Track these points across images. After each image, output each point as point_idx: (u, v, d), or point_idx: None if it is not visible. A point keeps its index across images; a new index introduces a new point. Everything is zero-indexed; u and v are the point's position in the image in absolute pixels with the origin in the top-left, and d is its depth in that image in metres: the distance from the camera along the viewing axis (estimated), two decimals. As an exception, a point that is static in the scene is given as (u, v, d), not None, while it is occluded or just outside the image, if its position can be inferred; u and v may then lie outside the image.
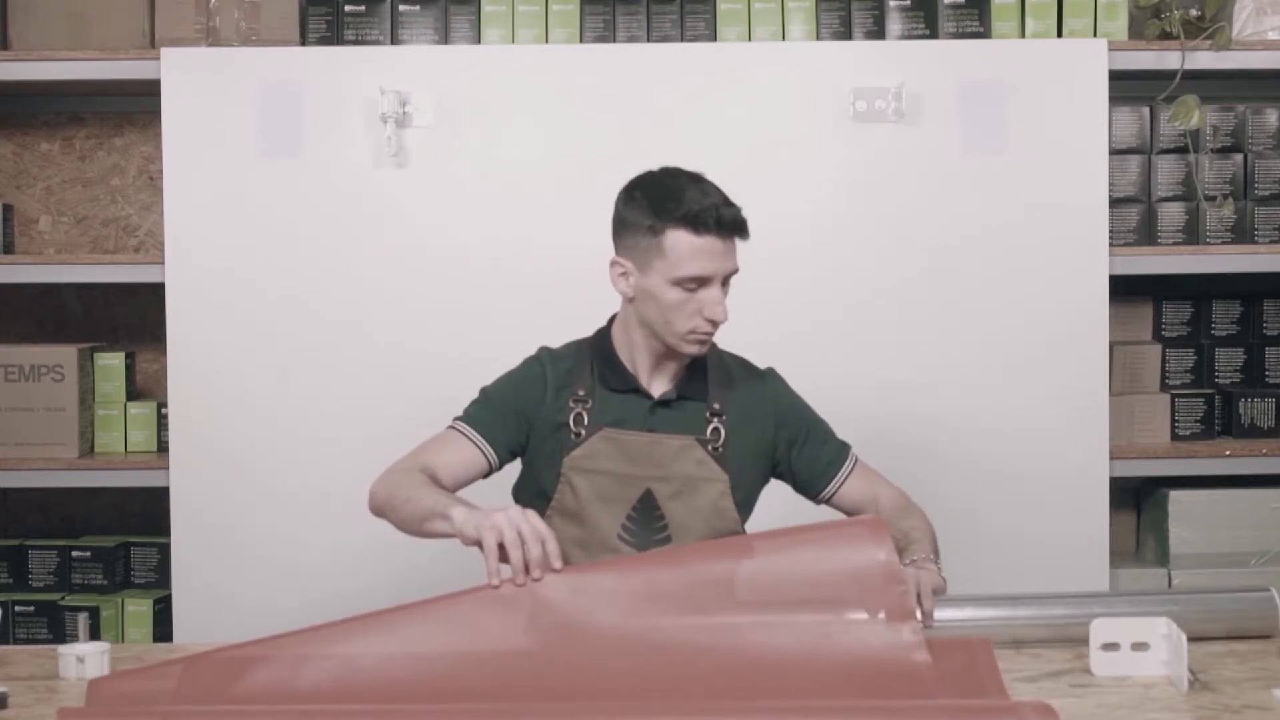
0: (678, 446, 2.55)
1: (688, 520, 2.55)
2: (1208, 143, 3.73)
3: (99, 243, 3.96)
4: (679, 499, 2.56)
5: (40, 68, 3.61)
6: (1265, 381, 3.85)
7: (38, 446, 3.65)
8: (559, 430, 2.57)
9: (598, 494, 2.55)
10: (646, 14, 3.64)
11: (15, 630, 3.68)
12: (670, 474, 2.55)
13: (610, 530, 2.55)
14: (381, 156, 3.50)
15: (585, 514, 2.56)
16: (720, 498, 2.56)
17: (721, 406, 2.59)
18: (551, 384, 2.60)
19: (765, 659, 2.11)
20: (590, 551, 2.56)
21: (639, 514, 2.55)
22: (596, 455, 2.55)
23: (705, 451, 2.56)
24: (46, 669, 2.28)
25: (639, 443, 2.55)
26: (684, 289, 2.47)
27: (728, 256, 2.48)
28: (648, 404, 2.58)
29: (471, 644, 2.12)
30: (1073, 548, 3.52)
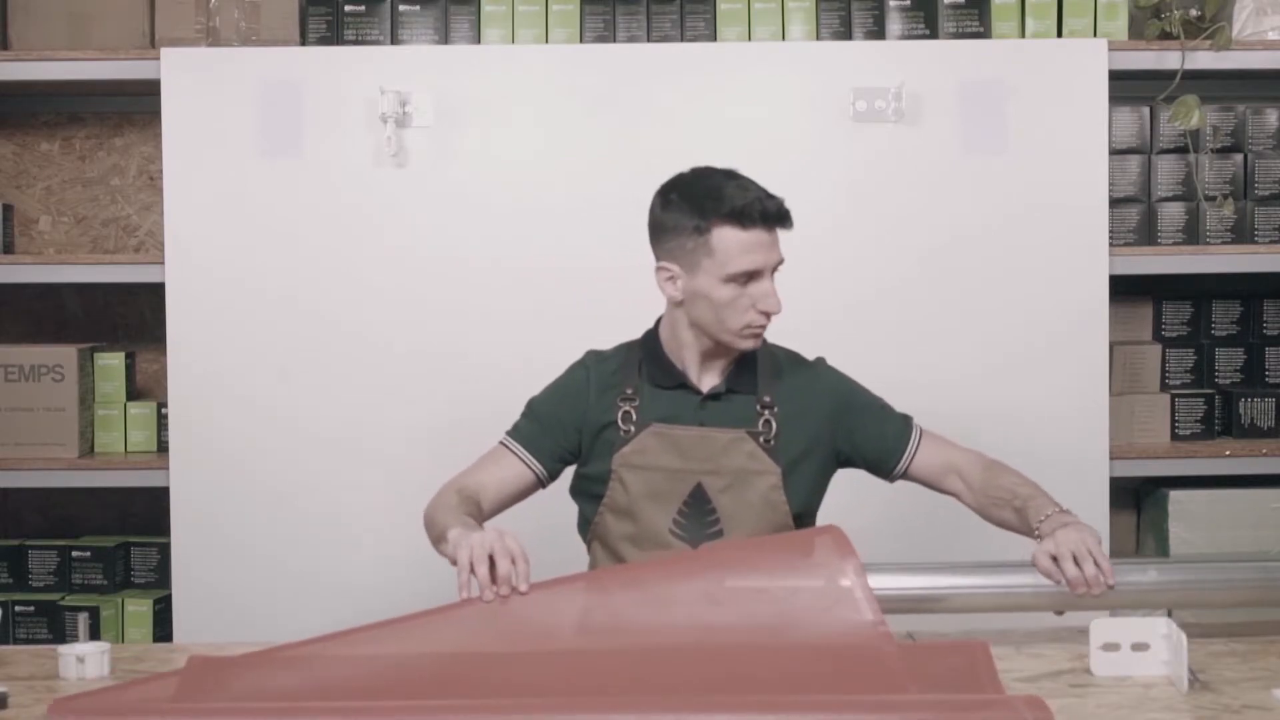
0: (728, 440, 2.56)
1: (739, 513, 2.56)
2: (1208, 143, 3.73)
3: (99, 243, 3.96)
4: (730, 492, 2.56)
5: (40, 68, 3.61)
6: (1265, 381, 3.85)
7: (38, 446, 3.65)
8: (608, 429, 2.58)
9: (648, 490, 2.56)
10: (646, 14, 3.63)
11: (15, 630, 3.68)
12: (721, 467, 2.56)
13: (662, 525, 2.56)
14: (381, 156, 3.50)
15: (636, 510, 2.56)
16: (771, 490, 2.57)
17: (772, 399, 2.59)
18: (595, 386, 2.61)
19: (738, 644, 2.14)
20: (642, 547, 2.57)
21: (690, 508, 2.56)
22: (647, 451, 2.56)
23: (756, 444, 2.57)
24: (46, 669, 2.28)
25: (689, 437, 2.56)
26: (736, 285, 2.49)
27: (774, 247, 2.51)
28: (697, 399, 2.58)
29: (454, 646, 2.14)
30: (1073, 548, 3.51)
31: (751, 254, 2.48)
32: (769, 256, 2.50)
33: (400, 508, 3.51)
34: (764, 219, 2.48)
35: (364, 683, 2.08)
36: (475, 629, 2.16)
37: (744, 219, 2.47)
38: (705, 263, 2.50)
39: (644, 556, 2.56)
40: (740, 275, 2.48)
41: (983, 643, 2.18)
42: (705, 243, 2.49)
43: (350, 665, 2.13)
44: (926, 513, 3.50)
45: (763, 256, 2.49)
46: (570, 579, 2.30)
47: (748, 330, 2.52)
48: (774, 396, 2.60)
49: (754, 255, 2.49)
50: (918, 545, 3.57)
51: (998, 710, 1.90)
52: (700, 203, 2.51)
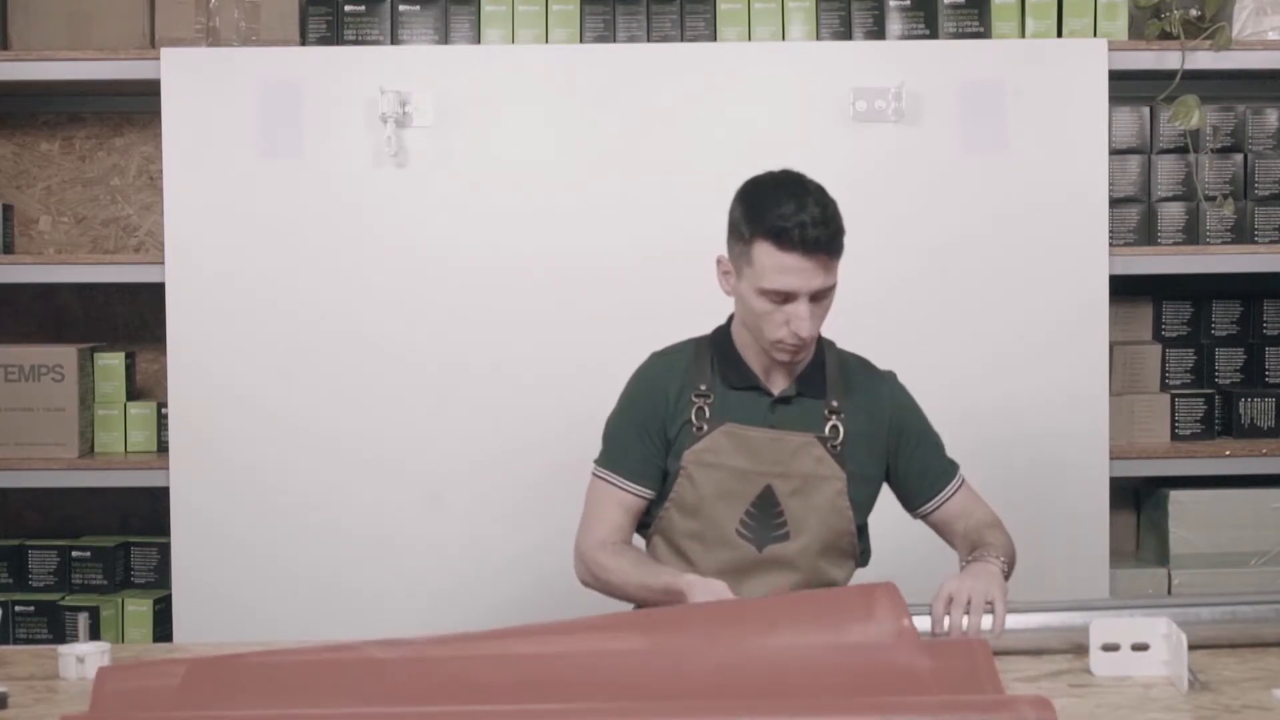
0: (799, 444, 2.56)
1: (806, 517, 2.56)
2: (1208, 143, 3.73)
3: (99, 243, 3.96)
4: (798, 496, 2.56)
5: (40, 68, 3.61)
6: (1265, 381, 3.85)
7: (38, 446, 3.65)
8: (683, 426, 2.58)
9: (717, 488, 2.56)
10: (646, 14, 3.63)
11: (15, 630, 3.68)
12: (791, 471, 2.56)
13: (729, 525, 2.56)
14: (381, 156, 3.50)
15: (703, 508, 2.56)
16: (838, 496, 2.57)
17: (840, 404, 2.59)
18: (671, 387, 2.60)
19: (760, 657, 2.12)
20: (707, 544, 2.57)
21: (758, 510, 2.56)
22: (719, 450, 2.56)
23: (825, 449, 2.57)
24: (46, 669, 2.28)
25: (761, 439, 2.56)
26: (770, 300, 2.48)
27: (815, 274, 2.46)
28: (768, 401, 2.58)
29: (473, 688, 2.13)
30: (1073, 548, 3.52)
31: (785, 275, 2.46)
32: (806, 282, 2.46)
33: (400, 507, 3.52)
34: (803, 244, 2.44)
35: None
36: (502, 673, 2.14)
37: (782, 240, 2.44)
38: (746, 271, 2.50)
39: (709, 554, 2.56)
40: (773, 293, 2.47)
41: (982, 642, 2.18)
42: (748, 252, 2.48)
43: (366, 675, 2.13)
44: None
45: (797, 281, 2.46)
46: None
47: (779, 345, 2.51)
48: (842, 403, 2.60)
49: (787, 277, 2.46)
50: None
51: (1003, 711, 1.89)
52: (753, 211, 2.49)
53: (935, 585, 2.37)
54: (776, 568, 2.56)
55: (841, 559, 2.62)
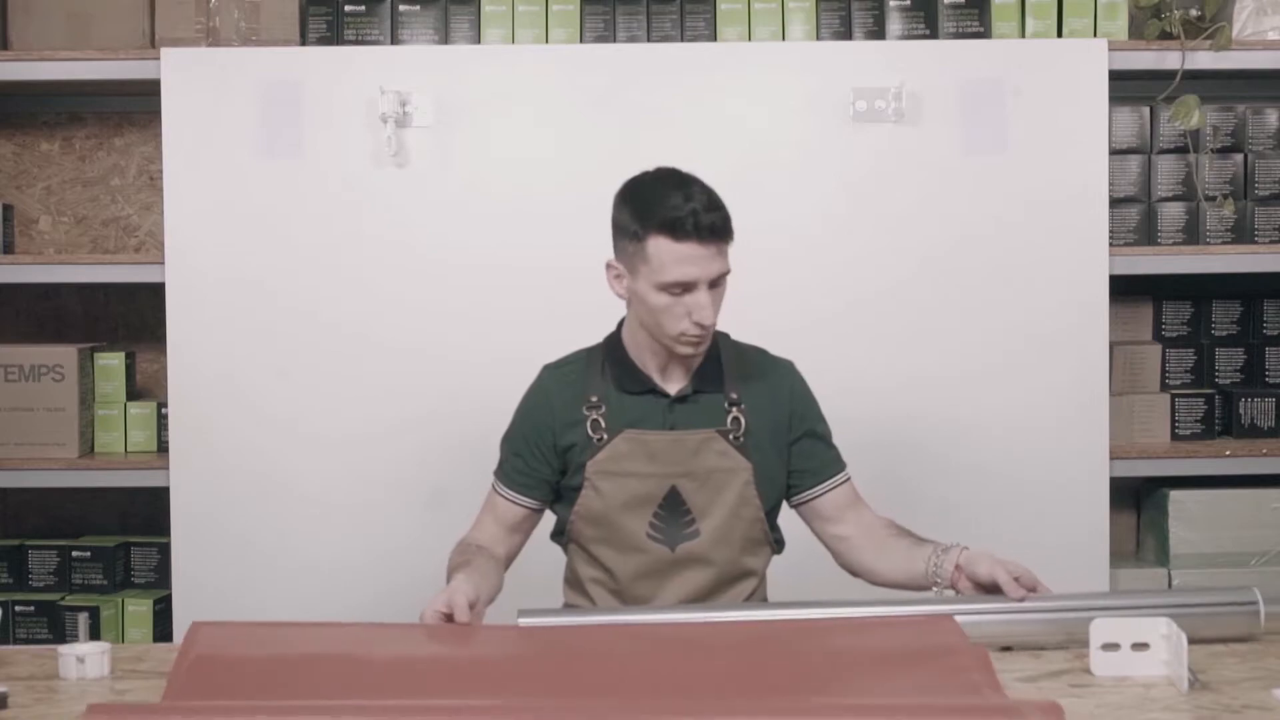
0: (699, 440, 2.56)
1: (714, 512, 2.57)
2: (1208, 143, 3.73)
3: (99, 243, 3.96)
4: (705, 492, 2.57)
5: (40, 68, 3.61)
6: (1265, 381, 3.85)
7: (38, 446, 3.65)
8: (580, 438, 2.58)
9: (623, 495, 2.56)
10: (646, 14, 3.63)
11: (15, 630, 3.68)
12: (694, 469, 2.56)
13: (639, 530, 2.57)
14: (381, 156, 3.50)
15: (611, 516, 2.57)
16: (745, 486, 2.57)
17: (739, 396, 2.59)
18: (559, 398, 2.61)
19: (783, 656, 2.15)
20: (619, 550, 2.58)
21: (666, 511, 2.57)
22: (620, 457, 2.56)
23: (727, 442, 2.57)
24: (46, 669, 2.28)
25: (660, 441, 2.56)
26: (670, 294, 2.48)
27: (711, 260, 2.47)
28: (665, 402, 2.58)
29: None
30: (1073, 548, 3.52)
31: (683, 266, 2.46)
32: (704, 269, 2.46)
33: (400, 507, 3.52)
34: (698, 232, 2.45)
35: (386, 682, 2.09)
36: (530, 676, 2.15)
37: (677, 231, 2.44)
38: (642, 268, 2.49)
39: (622, 560, 2.58)
40: (673, 285, 2.47)
41: (980, 647, 2.18)
42: (642, 249, 2.48)
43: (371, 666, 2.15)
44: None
45: (695, 269, 2.46)
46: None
47: (683, 338, 2.51)
48: (741, 394, 2.60)
49: (685, 267, 2.46)
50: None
51: (1012, 716, 1.89)
52: (641, 209, 2.49)
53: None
54: (691, 565, 2.57)
55: (755, 548, 2.63)
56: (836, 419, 3.59)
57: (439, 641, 2.26)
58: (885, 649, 2.20)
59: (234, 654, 2.21)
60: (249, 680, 2.11)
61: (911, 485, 3.54)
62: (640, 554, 2.57)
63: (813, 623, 2.31)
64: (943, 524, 3.51)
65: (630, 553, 2.57)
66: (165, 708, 1.99)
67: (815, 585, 2.70)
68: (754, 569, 2.63)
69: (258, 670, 2.16)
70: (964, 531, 3.51)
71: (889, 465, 3.54)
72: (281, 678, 2.11)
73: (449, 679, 2.10)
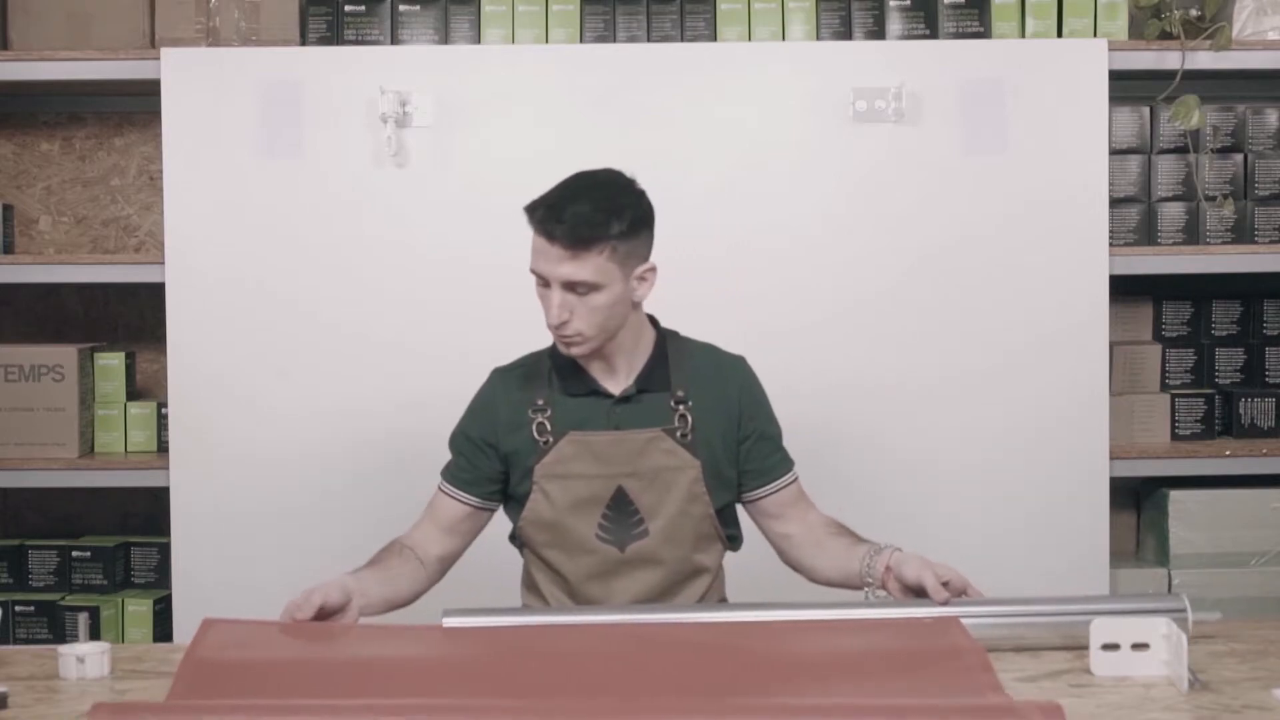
0: (644, 440, 2.56)
1: (662, 510, 2.56)
2: (1208, 143, 3.73)
3: (99, 243, 3.96)
4: (652, 491, 2.56)
5: (40, 68, 3.61)
6: (1265, 381, 3.85)
7: (38, 446, 3.65)
8: (525, 442, 2.58)
9: (570, 498, 2.56)
10: (646, 14, 3.63)
11: (15, 630, 3.68)
12: (639, 468, 2.56)
13: (587, 531, 2.57)
14: (381, 156, 3.50)
15: (560, 519, 2.57)
16: (693, 484, 2.57)
17: (686, 393, 2.59)
18: (505, 401, 2.62)
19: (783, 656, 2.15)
20: (568, 553, 2.58)
21: (614, 511, 2.56)
22: (565, 460, 2.56)
23: (674, 440, 2.57)
24: (46, 669, 2.28)
25: (604, 442, 2.56)
26: (538, 284, 2.50)
27: (560, 262, 2.46)
28: (609, 402, 2.58)
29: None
30: (1073, 548, 3.52)
31: (536, 258, 2.50)
32: (551, 268, 2.47)
33: (400, 508, 3.52)
34: (543, 227, 2.46)
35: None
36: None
37: (530, 220, 2.49)
38: None
39: (572, 562, 2.58)
40: (535, 275, 2.50)
41: (980, 648, 2.18)
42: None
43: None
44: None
45: (542, 265, 2.48)
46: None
47: (554, 334, 2.53)
48: (688, 391, 2.59)
49: (537, 259, 2.49)
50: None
51: (1013, 717, 1.89)
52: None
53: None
54: (642, 565, 2.57)
55: (707, 545, 2.62)
56: (835, 418, 3.61)
57: (450, 642, 2.26)
58: (888, 650, 2.20)
59: (241, 653, 2.21)
60: (254, 679, 2.11)
61: (911, 484, 3.54)
62: (590, 555, 2.57)
63: (814, 623, 2.31)
64: (942, 522, 3.53)
65: (580, 554, 2.57)
66: (169, 706, 1.99)
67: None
68: (706, 566, 2.62)
69: (263, 669, 2.16)
70: (964, 531, 3.52)
71: (889, 464, 3.54)
72: (287, 677, 2.11)
73: (453, 679, 2.10)
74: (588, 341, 2.51)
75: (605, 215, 2.45)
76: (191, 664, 2.12)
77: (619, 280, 2.48)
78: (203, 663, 2.14)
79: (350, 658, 2.21)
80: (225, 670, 2.14)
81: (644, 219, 2.52)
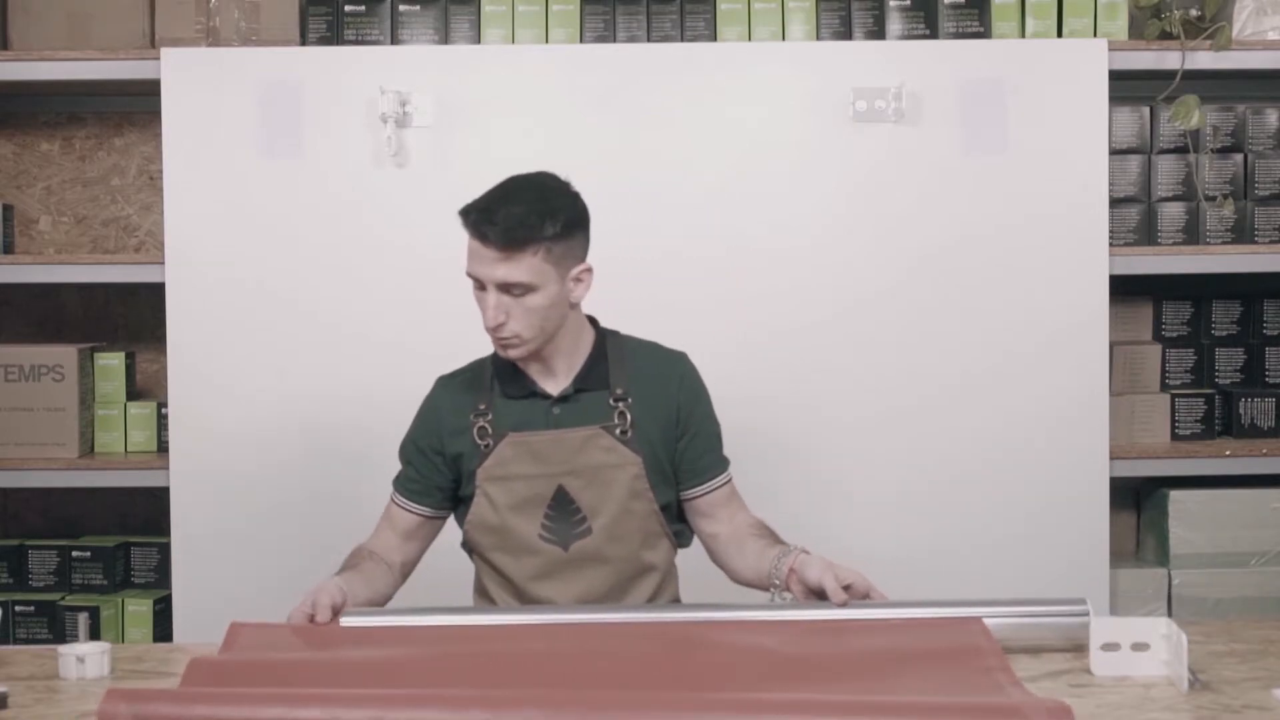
0: (583, 438, 2.56)
1: (604, 508, 2.56)
2: (1208, 143, 3.73)
3: (99, 243, 3.96)
4: (592, 489, 2.56)
5: (40, 68, 3.61)
6: (1265, 381, 3.85)
7: (38, 446, 3.65)
8: (468, 446, 2.59)
9: (511, 499, 2.57)
10: (646, 14, 3.64)
11: (15, 630, 3.68)
12: (578, 467, 2.56)
13: (530, 532, 2.57)
14: (381, 156, 3.50)
15: (502, 521, 2.57)
16: (635, 480, 2.57)
17: (625, 390, 2.59)
18: (447, 407, 2.63)
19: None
20: (513, 554, 2.59)
21: (555, 511, 2.57)
22: (506, 461, 2.57)
23: (613, 437, 2.57)
24: (46, 669, 2.28)
25: (543, 441, 2.56)
26: (476, 287, 2.51)
27: (495, 264, 2.47)
28: (547, 403, 2.59)
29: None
30: (1073, 548, 3.52)
31: (471, 260, 2.51)
32: (486, 271, 2.48)
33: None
34: (476, 230, 2.48)
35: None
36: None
37: (465, 222, 2.50)
38: None
39: (516, 563, 2.58)
40: (471, 278, 2.51)
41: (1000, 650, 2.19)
42: None
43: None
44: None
45: (476, 267, 2.50)
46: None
47: (494, 338, 2.53)
48: (627, 388, 2.59)
49: (471, 262, 2.50)
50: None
51: (1019, 716, 1.88)
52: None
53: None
54: (587, 564, 2.57)
55: (654, 542, 2.62)
56: (834, 418, 3.60)
57: (471, 639, 2.26)
58: (906, 649, 2.20)
59: (260, 654, 2.21)
60: (273, 676, 2.11)
61: (910, 484, 3.54)
62: (534, 556, 2.57)
63: (838, 623, 2.31)
64: (942, 523, 3.53)
65: (524, 555, 2.57)
66: (184, 694, 1.99)
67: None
68: (654, 564, 2.62)
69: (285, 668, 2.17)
70: (964, 531, 3.52)
71: (889, 464, 3.54)
72: (306, 675, 2.12)
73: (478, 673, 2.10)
74: (525, 344, 2.52)
75: (539, 217, 2.46)
76: (205, 664, 2.13)
77: (554, 281, 2.49)
78: (213, 662, 2.15)
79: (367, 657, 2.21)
80: (239, 669, 2.14)
81: (578, 220, 2.54)
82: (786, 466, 3.50)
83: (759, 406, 3.50)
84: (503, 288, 2.48)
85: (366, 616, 2.38)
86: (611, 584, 2.59)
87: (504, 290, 2.48)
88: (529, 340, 2.52)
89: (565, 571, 2.57)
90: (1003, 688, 2.02)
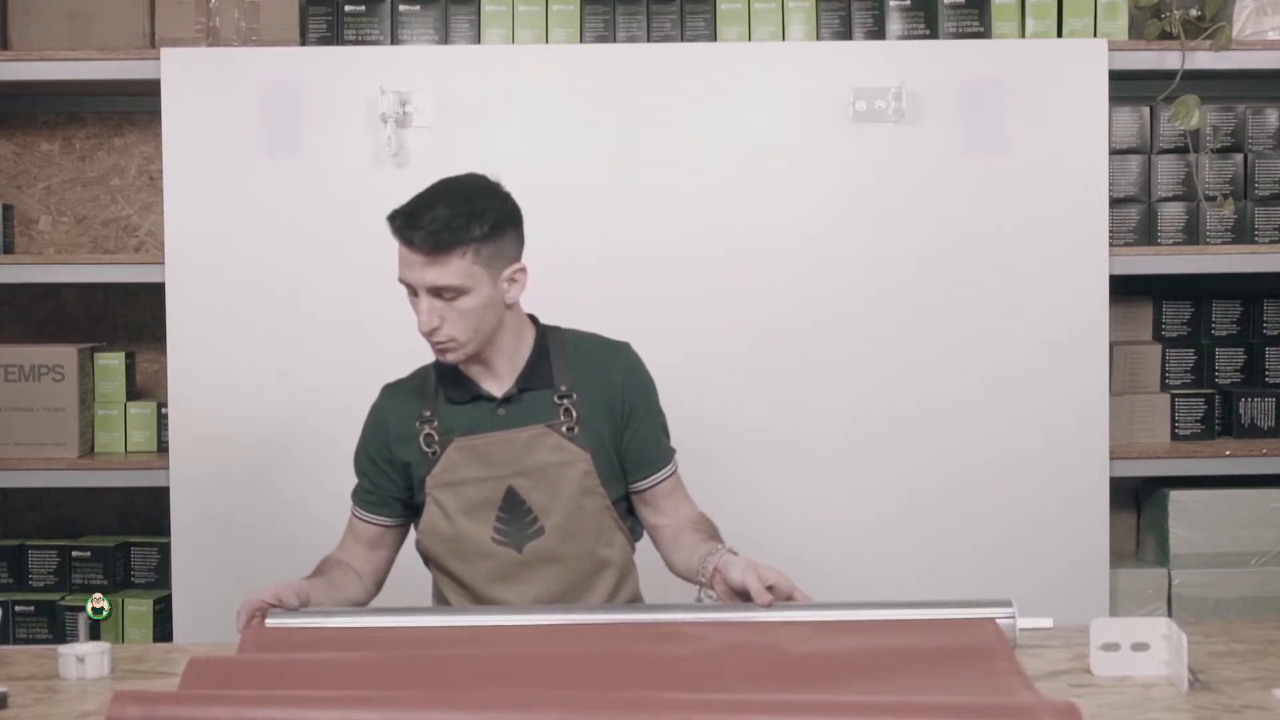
0: (528, 437, 2.55)
1: (555, 507, 2.55)
2: (1208, 143, 3.73)
3: (99, 243, 3.96)
4: (542, 488, 2.55)
5: (40, 68, 3.61)
6: (1265, 381, 3.85)
7: (38, 446, 3.65)
8: (416, 455, 2.58)
9: (462, 504, 2.56)
10: (646, 14, 3.63)
11: (15, 630, 3.68)
12: (526, 466, 2.55)
13: (483, 536, 2.56)
14: (381, 156, 3.50)
15: (454, 526, 2.57)
16: (585, 476, 2.56)
17: (569, 386, 2.58)
18: (392, 416, 2.63)
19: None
20: (467, 559, 2.58)
21: (506, 513, 2.56)
22: (454, 466, 2.56)
23: (559, 435, 2.56)
24: (46, 669, 2.28)
25: (489, 443, 2.55)
26: (409, 294, 2.51)
27: (424, 269, 2.46)
28: (492, 405, 2.57)
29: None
30: (1073, 548, 3.52)
31: (400, 267, 2.50)
32: (414, 276, 2.48)
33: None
34: (401, 235, 2.47)
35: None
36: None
37: (391, 228, 2.49)
38: None
39: (470, 568, 2.57)
40: (404, 286, 2.50)
41: (1008, 646, 2.19)
42: None
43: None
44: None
45: (406, 273, 2.49)
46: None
47: (430, 342, 2.53)
48: (572, 384, 2.58)
49: (401, 269, 2.50)
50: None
51: (1027, 716, 1.88)
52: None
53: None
54: (542, 564, 2.57)
55: (609, 537, 2.61)
56: (834, 418, 3.60)
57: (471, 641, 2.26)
58: (918, 649, 2.19)
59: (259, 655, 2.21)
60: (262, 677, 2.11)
61: (911, 484, 3.54)
62: (488, 559, 2.56)
63: (849, 623, 2.30)
64: (942, 523, 3.53)
65: (478, 560, 2.57)
66: (191, 696, 1.99)
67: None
68: (610, 559, 2.61)
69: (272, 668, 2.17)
70: (964, 531, 3.52)
71: (889, 465, 3.54)
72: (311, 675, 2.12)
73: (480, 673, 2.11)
74: (462, 347, 2.51)
75: (464, 219, 2.45)
76: (204, 664, 2.13)
77: (486, 283, 2.48)
78: (213, 662, 2.15)
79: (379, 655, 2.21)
80: (239, 669, 2.14)
81: (508, 220, 2.53)
82: (786, 466, 3.50)
83: (759, 406, 3.50)
84: (434, 292, 2.47)
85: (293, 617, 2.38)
86: (568, 583, 2.57)
87: (435, 294, 2.47)
88: (465, 344, 2.51)
89: (521, 573, 2.56)
90: (1012, 689, 2.02)
